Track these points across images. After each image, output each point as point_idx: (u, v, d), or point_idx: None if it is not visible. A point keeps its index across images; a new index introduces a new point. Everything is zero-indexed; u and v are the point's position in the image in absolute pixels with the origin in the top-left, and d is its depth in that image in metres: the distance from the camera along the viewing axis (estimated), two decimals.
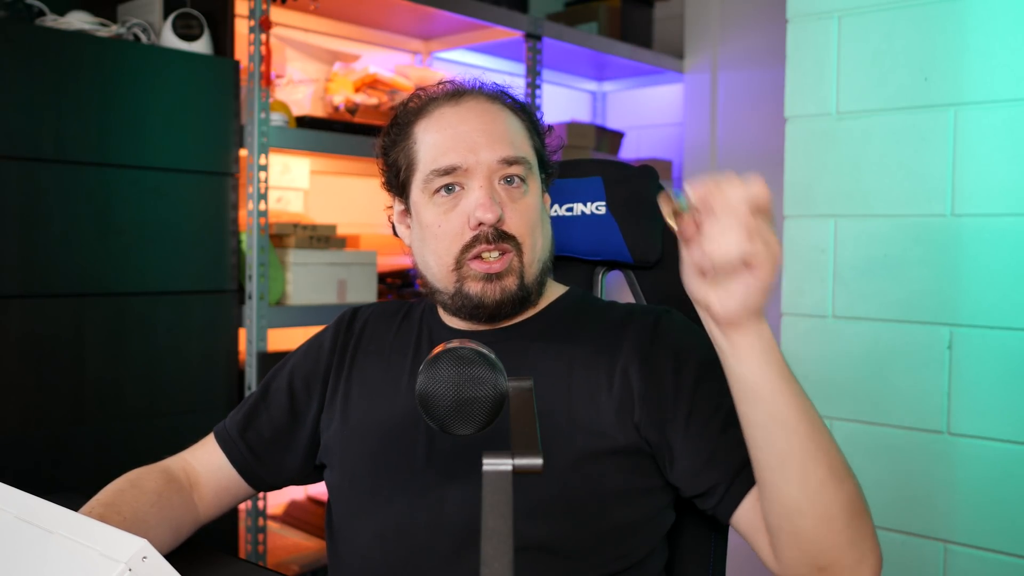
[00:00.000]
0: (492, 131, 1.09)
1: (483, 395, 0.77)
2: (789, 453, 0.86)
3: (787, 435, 0.85)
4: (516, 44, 3.04)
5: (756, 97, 3.38)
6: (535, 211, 1.10)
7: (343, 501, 1.12)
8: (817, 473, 0.86)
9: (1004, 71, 1.64)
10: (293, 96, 2.65)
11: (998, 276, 1.64)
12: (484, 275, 1.06)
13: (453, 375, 0.77)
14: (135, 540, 0.70)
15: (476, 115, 1.10)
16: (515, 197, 1.08)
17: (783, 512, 0.88)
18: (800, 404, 0.86)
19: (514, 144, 1.09)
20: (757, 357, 0.84)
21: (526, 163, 1.10)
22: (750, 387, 0.85)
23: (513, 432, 0.70)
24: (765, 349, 0.84)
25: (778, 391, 0.85)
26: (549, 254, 1.14)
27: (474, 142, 1.07)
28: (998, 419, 1.63)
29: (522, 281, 1.08)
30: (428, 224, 1.10)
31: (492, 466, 0.63)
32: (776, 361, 0.85)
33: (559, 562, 0.99)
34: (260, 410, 1.20)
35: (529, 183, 1.10)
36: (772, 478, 0.88)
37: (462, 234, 1.07)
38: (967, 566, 1.67)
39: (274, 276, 2.32)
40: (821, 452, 0.86)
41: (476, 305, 1.08)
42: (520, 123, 1.13)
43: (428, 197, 1.09)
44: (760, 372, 0.84)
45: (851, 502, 0.88)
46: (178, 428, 2.11)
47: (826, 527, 0.87)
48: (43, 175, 1.90)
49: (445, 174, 1.07)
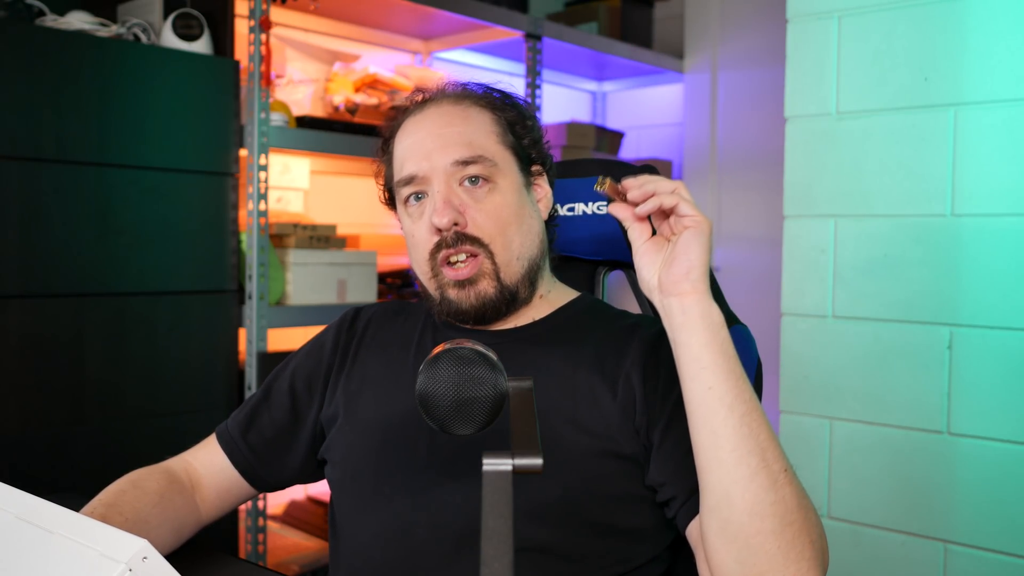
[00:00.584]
0: (445, 134, 1.09)
1: (483, 395, 0.77)
2: (723, 432, 0.87)
3: (723, 411, 0.88)
4: (516, 44, 3.04)
5: (756, 97, 3.38)
6: (507, 208, 1.09)
7: (344, 500, 1.12)
8: (749, 461, 0.87)
9: (1004, 71, 1.64)
10: (293, 96, 2.65)
11: (998, 276, 1.64)
12: (455, 282, 1.07)
13: (453, 375, 0.77)
14: (135, 540, 0.70)
15: (432, 120, 1.11)
16: (479, 197, 1.08)
17: (713, 503, 0.88)
18: (740, 384, 0.89)
19: (472, 144, 1.09)
20: (704, 327, 0.90)
21: (487, 161, 1.08)
22: (694, 356, 0.90)
23: (513, 432, 0.70)
24: (713, 323, 0.90)
25: (719, 364, 0.89)
26: (538, 250, 1.13)
27: (427, 148, 1.09)
28: (998, 419, 1.63)
29: (500, 283, 1.08)
30: (406, 234, 1.13)
31: (492, 466, 0.63)
32: (723, 338, 0.90)
33: (559, 564, 0.99)
34: (262, 411, 1.20)
35: (498, 180, 1.09)
36: (705, 460, 0.89)
37: (429, 240, 1.08)
38: (967, 566, 1.67)
39: (274, 276, 2.32)
40: (755, 441, 0.88)
41: (457, 311, 1.09)
42: (490, 119, 1.12)
43: (404, 208, 1.12)
44: (705, 339, 0.89)
45: (786, 507, 0.86)
46: (178, 428, 2.11)
47: (755, 523, 0.86)
48: (43, 175, 1.91)
49: (408, 184, 1.10)
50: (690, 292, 0.90)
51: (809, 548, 0.87)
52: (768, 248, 3.00)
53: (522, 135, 1.14)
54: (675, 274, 0.91)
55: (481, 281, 1.07)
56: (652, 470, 1.01)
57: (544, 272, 1.16)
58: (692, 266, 0.90)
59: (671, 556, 1.08)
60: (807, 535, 0.87)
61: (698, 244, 0.90)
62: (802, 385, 1.86)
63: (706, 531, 0.90)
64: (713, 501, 0.89)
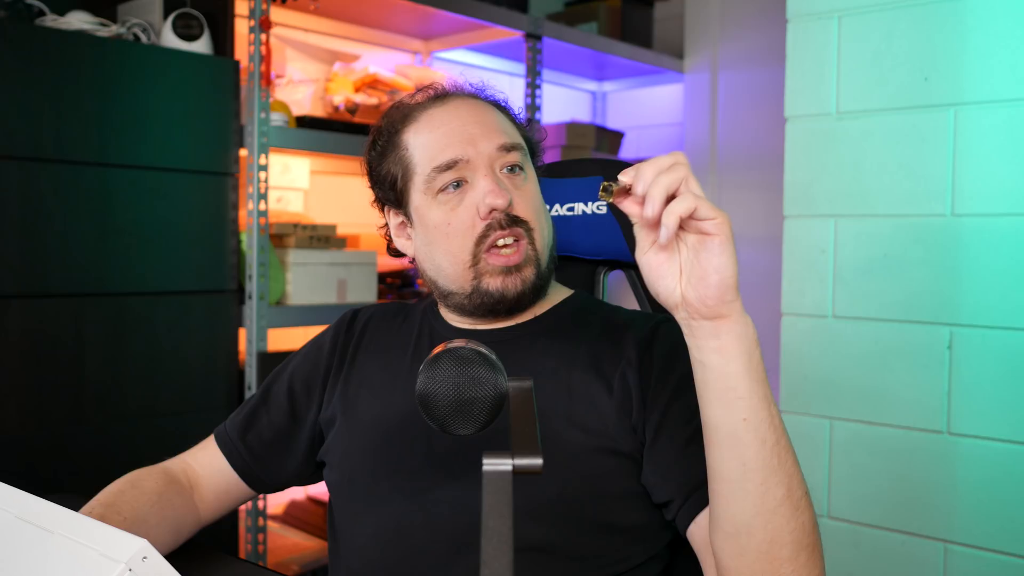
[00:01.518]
0: (485, 121, 1.10)
1: (483, 395, 0.77)
2: (754, 465, 0.82)
3: (756, 444, 0.82)
4: (516, 44, 3.04)
5: (756, 97, 3.38)
6: (538, 197, 1.13)
7: (343, 501, 1.12)
8: (776, 493, 0.83)
9: (1004, 71, 1.64)
10: (293, 96, 2.65)
11: (998, 276, 1.64)
12: (503, 268, 1.06)
13: (453, 375, 0.77)
14: (135, 540, 0.70)
15: (466, 110, 1.12)
16: (518, 184, 1.10)
17: (731, 530, 0.85)
18: (772, 413, 0.83)
19: (507, 132, 1.11)
20: (741, 352, 0.81)
21: (523, 149, 1.12)
22: (730, 384, 0.81)
23: (513, 432, 0.70)
24: (749, 346, 0.82)
25: (755, 393, 0.82)
26: (554, 242, 1.15)
27: (470, 134, 1.08)
28: (998, 419, 1.63)
29: (538, 270, 1.09)
30: (436, 225, 1.09)
31: (492, 466, 0.63)
32: (757, 362, 0.82)
33: (558, 563, 0.99)
34: (261, 413, 1.20)
35: (527, 170, 1.12)
36: (730, 490, 0.84)
37: (473, 227, 1.06)
38: (967, 566, 1.67)
39: (274, 276, 2.32)
40: (783, 471, 0.83)
41: (498, 300, 1.07)
42: (505, 116, 1.16)
43: (432, 198, 1.09)
44: (742, 367, 0.81)
45: (803, 532, 0.85)
46: (178, 428, 2.11)
47: (773, 551, 0.84)
48: (43, 175, 1.90)
49: (447, 169, 1.07)
50: (726, 315, 0.80)
51: (818, 566, 0.87)
52: (768, 248, 3.00)
53: (529, 130, 1.18)
54: (708, 295, 0.79)
55: (526, 268, 1.07)
56: (646, 469, 1.00)
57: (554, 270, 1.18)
58: (726, 285, 0.79)
59: (670, 554, 1.08)
60: (818, 553, 0.87)
61: (727, 255, 0.78)
62: (802, 385, 1.86)
63: (720, 553, 0.88)
64: (732, 529, 0.85)
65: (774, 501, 0.83)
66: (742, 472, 0.83)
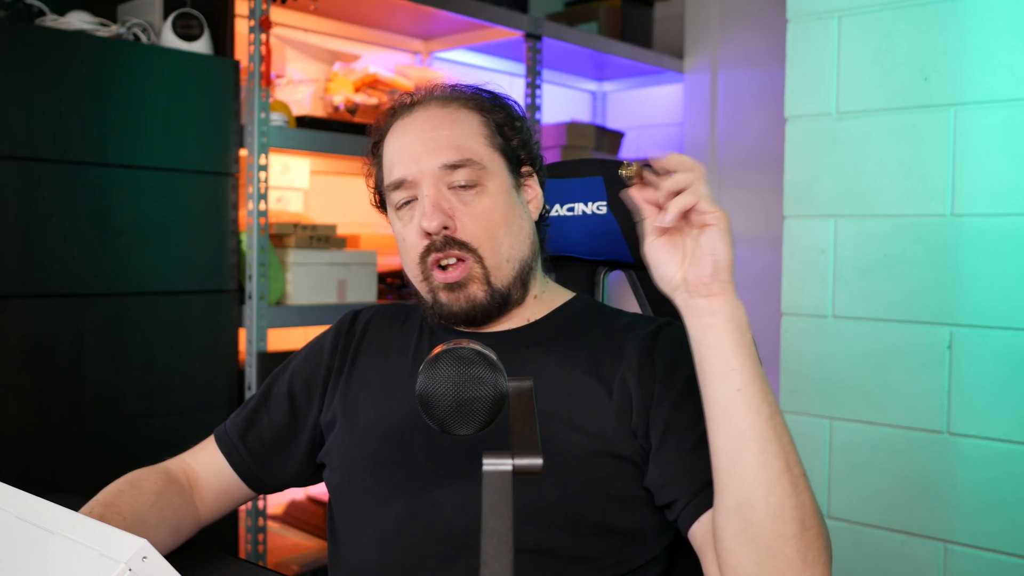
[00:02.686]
0: (433, 138, 1.08)
1: (483, 395, 0.77)
2: (750, 434, 0.87)
3: (751, 414, 0.87)
4: (516, 44, 3.04)
5: (756, 97, 3.38)
6: (495, 211, 1.08)
7: (343, 502, 1.12)
8: (775, 464, 0.86)
9: (1004, 71, 1.64)
10: (293, 96, 2.65)
11: (998, 276, 1.64)
12: (444, 285, 1.07)
13: (453, 375, 0.77)
14: (135, 540, 0.70)
15: (420, 124, 1.10)
16: (467, 200, 1.07)
17: (734, 504, 0.87)
18: (765, 388, 0.89)
19: (460, 147, 1.08)
20: (733, 328, 0.88)
21: (475, 164, 1.08)
22: (723, 358, 0.88)
23: (513, 432, 0.70)
24: (741, 324, 0.89)
25: (747, 367, 0.88)
26: (529, 251, 1.12)
27: (416, 152, 1.08)
28: (998, 419, 1.63)
29: (490, 286, 1.08)
30: (397, 238, 1.13)
31: (492, 466, 0.63)
32: (749, 340, 0.89)
33: (557, 565, 0.99)
34: (261, 414, 1.20)
35: (487, 183, 1.08)
36: (729, 463, 0.88)
37: (419, 244, 1.08)
38: (967, 566, 1.67)
39: (274, 276, 2.32)
40: (780, 445, 0.87)
41: (448, 315, 1.09)
42: (479, 121, 1.11)
43: (394, 212, 1.12)
44: (734, 341, 0.88)
45: (805, 512, 0.87)
46: (178, 428, 2.11)
47: (776, 527, 0.85)
48: (43, 175, 1.90)
49: (397, 188, 1.09)
50: (720, 293, 0.88)
51: (824, 552, 0.88)
52: (768, 248, 3.00)
53: (511, 136, 1.13)
54: (703, 274, 0.88)
55: (471, 285, 1.07)
56: (651, 472, 1.00)
57: (536, 272, 1.16)
58: (720, 266, 0.88)
59: (669, 557, 1.08)
60: (822, 538, 0.88)
61: (723, 242, 0.88)
62: (802, 385, 1.86)
63: (723, 532, 0.89)
64: (734, 503, 0.88)
65: (773, 472, 0.86)
66: (739, 442, 0.87)
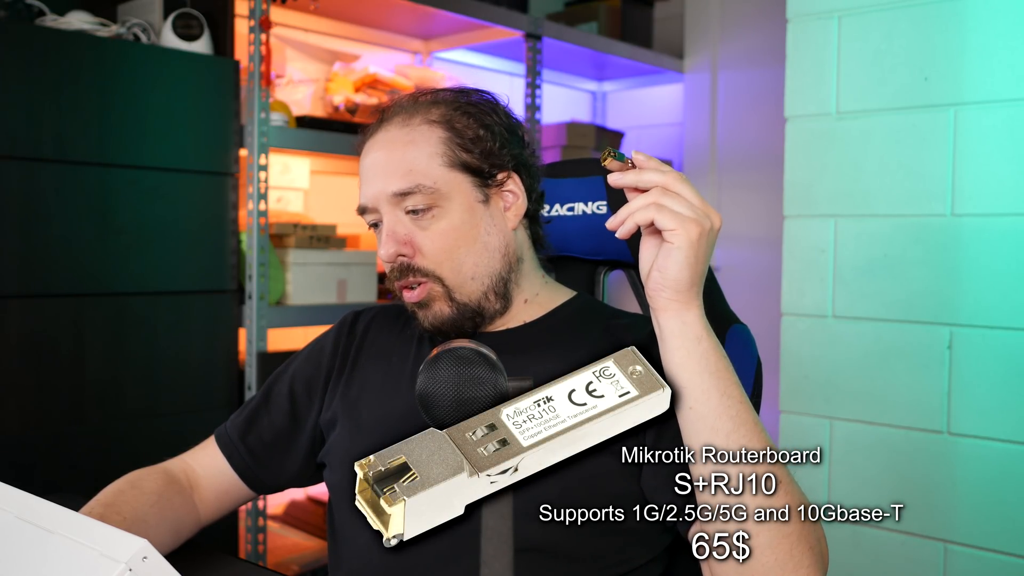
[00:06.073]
0: (387, 163, 1.07)
1: (483, 395, 0.77)
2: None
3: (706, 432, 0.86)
4: (516, 44, 3.04)
5: (756, 97, 3.38)
6: (453, 232, 1.07)
7: (342, 503, 1.12)
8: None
9: (1004, 71, 1.64)
10: (293, 96, 2.65)
11: (998, 276, 1.64)
12: (412, 304, 1.09)
13: (453, 375, 0.77)
14: (135, 540, 0.70)
15: (379, 146, 1.09)
16: (424, 225, 1.07)
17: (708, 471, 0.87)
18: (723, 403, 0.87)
19: (411, 172, 1.06)
20: (678, 345, 0.87)
21: (426, 189, 1.05)
22: (672, 374, 0.87)
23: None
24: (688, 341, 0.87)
25: (696, 384, 0.86)
26: (501, 263, 1.10)
27: (371, 177, 1.09)
28: (998, 419, 1.63)
29: (455, 303, 1.08)
30: None
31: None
32: (701, 354, 0.87)
33: (557, 564, 0.99)
34: (261, 414, 1.20)
35: (443, 205, 1.06)
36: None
37: (387, 267, 1.10)
38: (967, 566, 1.67)
39: (274, 276, 2.32)
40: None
41: (424, 329, 1.11)
42: (438, 139, 1.07)
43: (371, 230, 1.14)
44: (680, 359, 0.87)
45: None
46: (178, 428, 2.11)
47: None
48: (43, 175, 1.90)
49: (363, 213, 1.11)
50: (662, 308, 0.87)
51: (808, 555, 0.87)
52: (768, 248, 3.00)
53: (474, 148, 1.08)
54: (649, 286, 0.88)
55: (434, 304, 1.08)
56: (645, 473, 1.01)
57: (524, 277, 1.14)
58: (665, 284, 0.87)
59: (669, 557, 1.08)
60: (805, 541, 0.87)
61: (674, 260, 0.85)
62: (802, 385, 1.86)
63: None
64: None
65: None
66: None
